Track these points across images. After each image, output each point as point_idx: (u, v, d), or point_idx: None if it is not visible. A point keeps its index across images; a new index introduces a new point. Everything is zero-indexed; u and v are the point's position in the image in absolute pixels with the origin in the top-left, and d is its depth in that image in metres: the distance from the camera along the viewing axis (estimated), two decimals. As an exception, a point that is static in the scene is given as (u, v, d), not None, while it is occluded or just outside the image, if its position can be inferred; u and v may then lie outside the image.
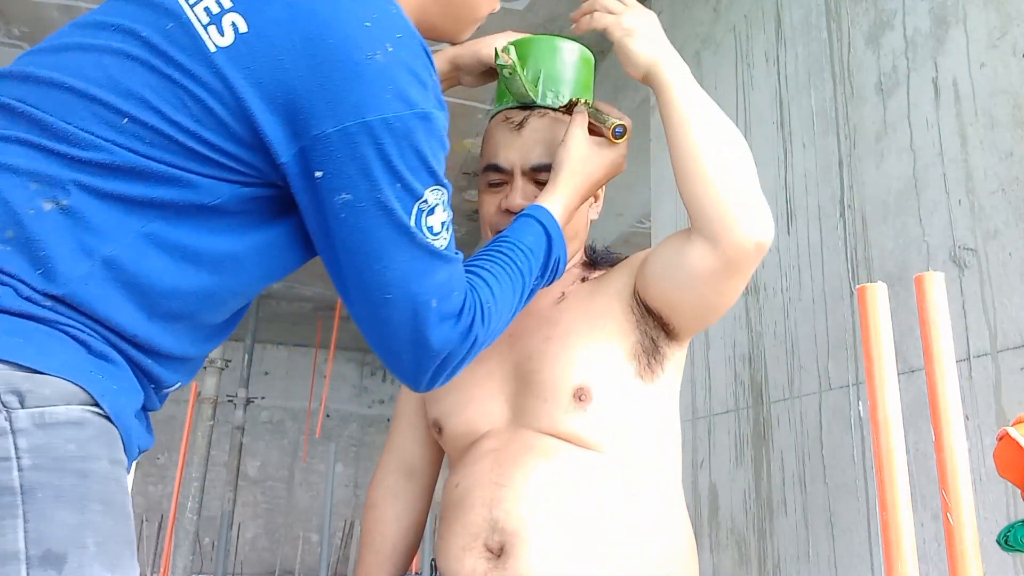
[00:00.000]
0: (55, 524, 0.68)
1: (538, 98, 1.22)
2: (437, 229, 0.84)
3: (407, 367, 0.89)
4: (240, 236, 0.83)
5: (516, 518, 1.08)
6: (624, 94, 3.09)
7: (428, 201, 0.82)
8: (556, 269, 1.06)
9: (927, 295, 0.91)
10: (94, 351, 0.75)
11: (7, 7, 3.12)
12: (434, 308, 0.85)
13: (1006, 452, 0.85)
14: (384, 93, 0.77)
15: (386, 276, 0.82)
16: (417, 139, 0.79)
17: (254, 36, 0.76)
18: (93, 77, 0.77)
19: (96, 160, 0.74)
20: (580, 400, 1.11)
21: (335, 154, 0.77)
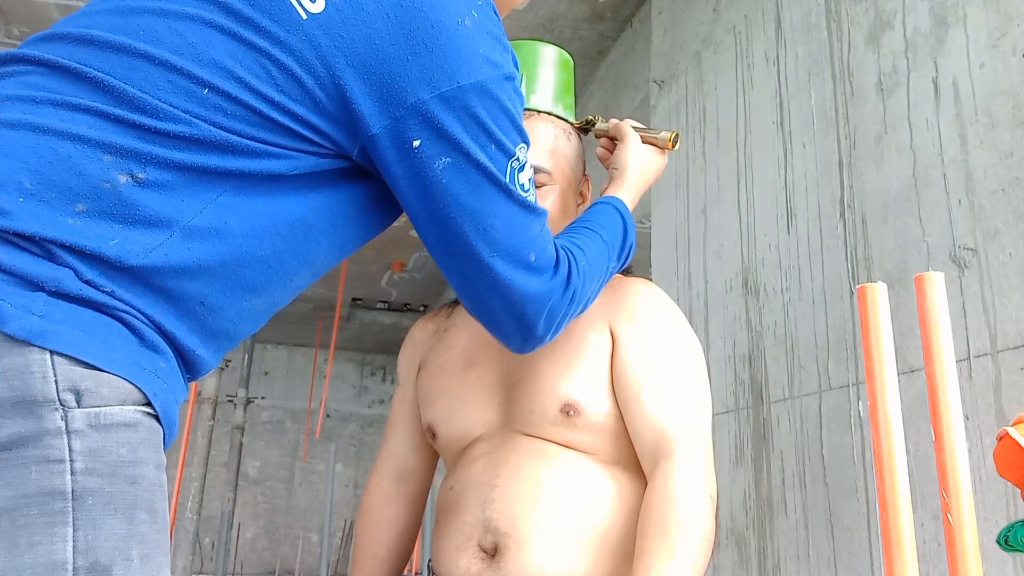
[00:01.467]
0: (104, 533, 0.65)
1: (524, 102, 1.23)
2: (527, 186, 0.87)
3: (512, 326, 0.92)
4: (313, 207, 0.81)
5: (509, 518, 1.08)
6: (624, 94, 3.09)
7: (519, 158, 0.85)
8: (630, 253, 1.11)
9: (927, 295, 0.91)
10: (146, 341, 0.72)
11: (7, 7, 3.12)
12: (533, 261, 0.88)
13: (1006, 452, 0.85)
14: (475, 57, 0.78)
15: (490, 235, 0.84)
16: (504, 100, 0.82)
17: (346, 3, 0.76)
18: (170, 43, 0.74)
19: (175, 132, 0.72)
20: (568, 415, 1.11)
21: (433, 121, 0.78)
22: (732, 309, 2.01)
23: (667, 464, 1.06)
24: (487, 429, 1.18)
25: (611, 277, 1.10)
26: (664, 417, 1.09)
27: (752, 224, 1.96)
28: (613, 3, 2.99)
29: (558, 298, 0.92)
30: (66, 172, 0.68)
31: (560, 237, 1.01)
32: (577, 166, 1.27)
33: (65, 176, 0.68)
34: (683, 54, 2.46)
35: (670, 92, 2.53)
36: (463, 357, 1.24)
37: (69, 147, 0.69)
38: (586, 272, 0.97)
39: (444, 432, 1.21)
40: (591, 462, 1.13)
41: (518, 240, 0.86)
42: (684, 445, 1.07)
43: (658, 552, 0.99)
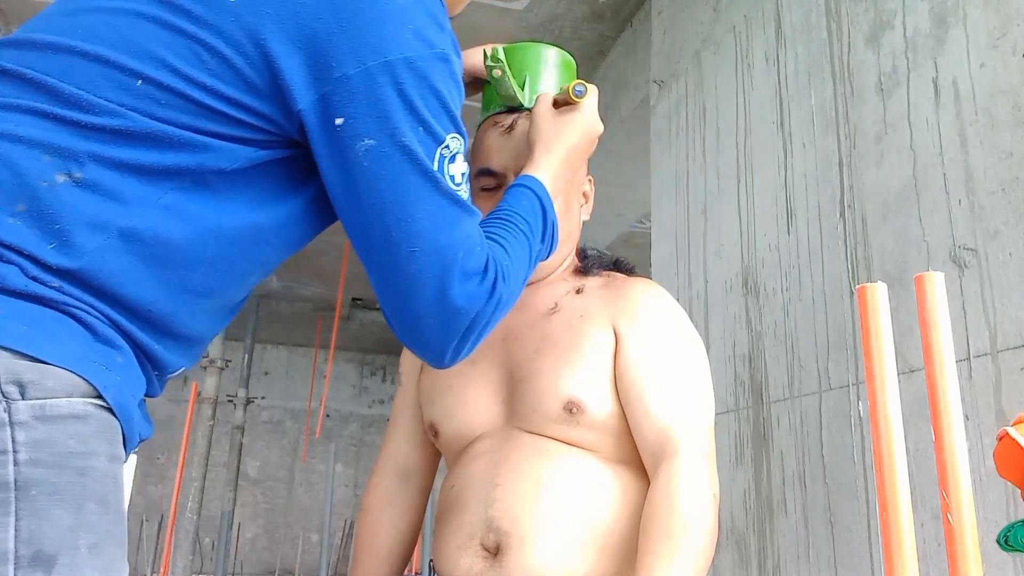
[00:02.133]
0: (49, 523, 0.65)
1: (526, 101, 1.23)
2: (459, 180, 0.81)
3: (433, 334, 0.84)
4: (261, 207, 0.79)
5: (511, 517, 1.08)
6: (624, 94, 3.09)
7: (450, 147, 0.79)
8: (553, 235, 1.02)
9: (927, 295, 0.91)
10: (100, 336, 0.72)
11: (7, 7, 3.11)
12: (460, 262, 0.81)
13: (1006, 452, 0.85)
14: (404, 32, 0.75)
15: (412, 227, 0.78)
16: (436, 81, 0.77)
17: None
18: (105, 38, 0.74)
19: (111, 126, 0.71)
20: (571, 413, 1.11)
21: (357, 97, 0.74)
22: (732, 309, 2.01)
23: (670, 463, 1.06)
24: (489, 427, 1.18)
25: (537, 264, 1.01)
26: (667, 416, 1.09)
27: (752, 224, 1.96)
28: (613, 3, 2.99)
29: (483, 305, 0.84)
30: (7, 173, 0.69)
31: (483, 228, 0.91)
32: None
33: (6, 177, 0.68)
34: (683, 54, 2.46)
35: (670, 92, 2.53)
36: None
37: (10, 148, 0.69)
38: (511, 274, 0.89)
39: (446, 430, 1.22)
40: (593, 460, 1.13)
41: (444, 237, 0.79)
42: (687, 444, 1.08)
43: (661, 552, 0.99)
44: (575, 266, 1.30)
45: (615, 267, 1.30)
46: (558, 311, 1.20)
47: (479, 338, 0.87)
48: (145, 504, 8.91)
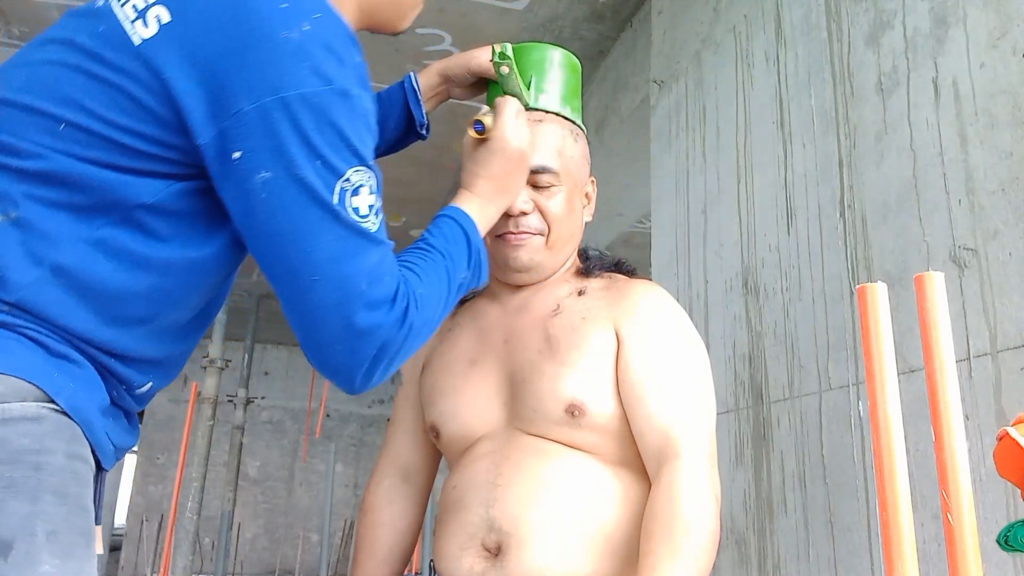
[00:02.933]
0: (5, 513, 0.71)
1: (531, 101, 1.23)
2: (364, 211, 0.82)
3: (341, 360, 0.85)
4: (191, 239, 0.84)
5: (513, 517, 1.08)
6: (624, 94, 3.09)
7: (351, 180, 0.81)
8: (479, 262, 1.03)
9: (927, 295, 0.91)
10: (53, 352, 0.78)
11: (7, 7, 3.12)
12: (365, 291, 0.82)
13: (1006, 452, 0.85)
14: (300, 69, 0.77)
15: (312, 257, 0.80)
16: (336, 116, 0.79)
17: (177, 23, 0.79)
18: (33, 89, 0.81)
19: (39, 169, 0.78)
20: (573, 416, 1.11)
21: (253, 132, 0.77)
22: (732, 309, 2.01)
23: (672, 465, 1.06)
24: (490, 428, 1.18)
25: (463, 293, 1.01)
26: (669, 418, 1.09)
27: (752, 224, 1.96)
28: (613, 3, 2.99)
29: (393, 333, 0.85)
30: None
31: (399, 259, 0.93)
32: (583, 167, 1.27)
33: None
34: (683, 54, 2.46)
35: (670, 92, 2.53)
36: (467, 356, 1.24)
37: None
38: (425, 302, 0.90)
39: (447, 431, 1.22)
40: (594, 462, 1.13)
41: (347, 267, 0.81)
42: (689, 446, 1.08)
43: (663, 553, 0.99)
44: (577, 267, 1.30)
45: (616, 268, 1.30)
46: (560, 313, 1.20)
47: (391, 364, 0.88)
48: (145, 504, 8.91)
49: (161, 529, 8.50)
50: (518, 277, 1.24)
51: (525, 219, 1.19)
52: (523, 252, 1.20)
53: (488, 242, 1.23)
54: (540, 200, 1.20)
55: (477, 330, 1.27)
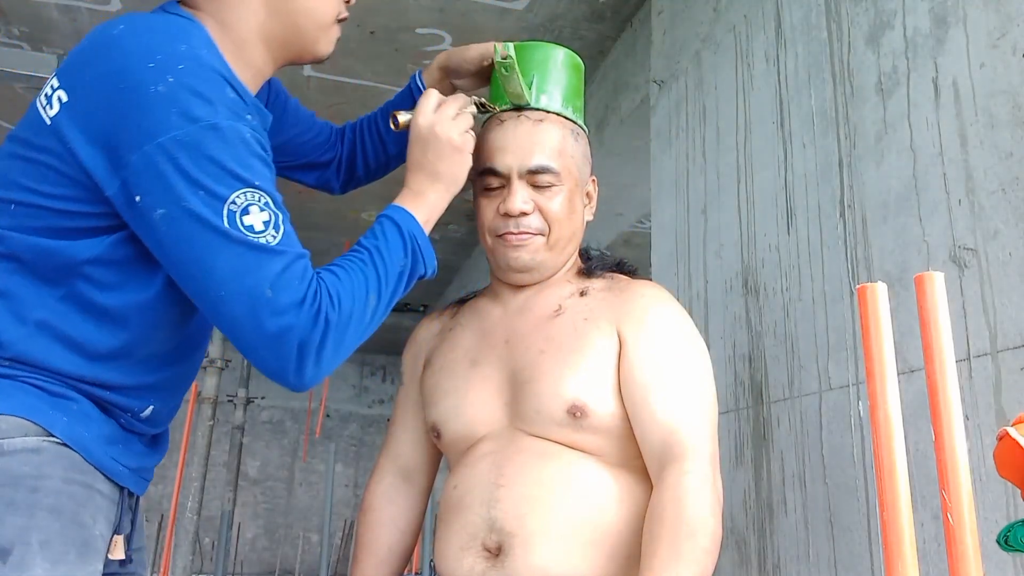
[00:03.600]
0: (5, 526, 0.87)
1: (533, 100, 1.23)
2: (259, 228, 0.91)
3: (270, 363, 0.94)
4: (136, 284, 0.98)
5: (514, 518, 1.08)
6: (624, 94, 3.09)
7: (237, 203, 0.90)
8: (417, 248, 1.07)
9: (927, 295, 0.91)
10: (51, 392, 0.94)
11: (7, 7, 3.12)
12: (269, 298, 0.91)
13: (1006, 452, 0.85)
14: (170, 115, 0.90)
15: (215, 276, 0.91)
16: (209, 148, 0.90)
17: (73, 101, 0.94)
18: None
19: (4, 249, 0.95)
20: (575, 417, 1.11)
21: (143, 176, 0.90)
22: (732, 309, 2.01)
23: (675, 467, 1.06)
24: (492, 429, 1.18)
25: (409, 287, 1.06)
26: (671, 419, 1.09)
27: (752, 224, 1.96)
28: (613, 3, 2.99)
29: (308, 331, 0.92)
30: None
31: (328, 265, 1.02)
32: (584, 167, 1.27)
33: None
34: (683, 54, 2.47)
35: (670, 92, 2.53)
36: (468, 357, 1.24)
37: None
38: (345, 297, 0.97)
39: (449, 431, 1.22)
40: (596, 463, 1.13)
41: (248, 280, 0.90)
42: (691, 447, 1.08)
43: (666, 555, 0.99)
44: (578, 267, 1.30)
45: (618, 269, 1.30)
46: (562, 313, 1.20)
47: (321, 359, 0.95)
48: (145, 504, 8.87)
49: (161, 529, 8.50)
50: (519, 277, 1.24)
51: (526, 219, 1.19)
52: (524, 252, 1.20)
53: (489, 242, 1.23)
54: (540, 200, 1.20)
55: (479, 330, 1.27)
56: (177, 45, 0.94)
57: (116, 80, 0.91)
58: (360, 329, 0.99)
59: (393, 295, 1.03)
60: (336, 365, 0.98)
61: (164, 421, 1.14)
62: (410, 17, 3.08)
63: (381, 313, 1.02)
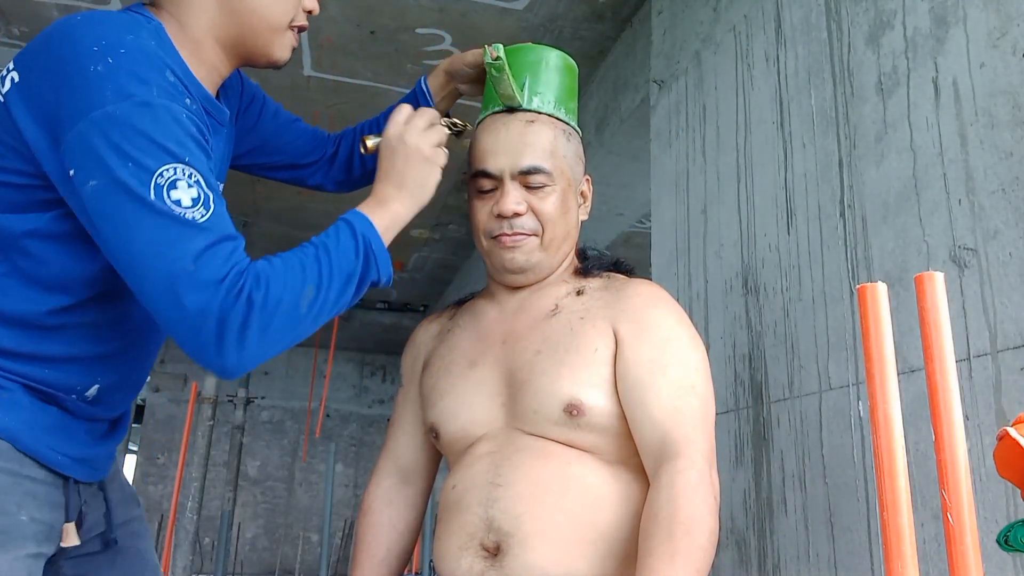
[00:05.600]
0: None
1: (524, 102, 1.23)
2: (186, 203, 0.92)
3: (190, 339, 0.94)
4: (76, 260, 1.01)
5: (512, 517, 1.08)
6: (624, 94, 3.09)
7: (165, 176, 0.92)
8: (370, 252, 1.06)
9: (927, 295, 0.91)
10: None
11: (7, 7, 3.12)
12: (190, 272, 0.91)
13: (1006, 452, 0.85)
14: (104, 92, 0.93)
15: (138, 247, 0.92)
16: (140, 123, 0.92)
17: (23, 81, 0.98)
18: None
19: None
20: (572, 415, 1.11)
21: (77, 151, 0.92)
22: (732, 309, 2.01)
23: (671, 465, 1.06)
24: (490, 429, 1.18)
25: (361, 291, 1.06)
26: (667, 418, 1.09)
27: (752, 224, 1.96)
28: (613, 3, 2.99)
29: (227, 310, 0.92)
30: None
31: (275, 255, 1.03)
32: (577, 166, 1.27)
33: None
34: (683, 54, 2.46)
35: (670, 92, 2.53)
36: (466, 357, 1.24)
37: None
38: (273, 283, 0.96)
39: (447, 432, 1.22)
40: (594, 462, 1.13)
41: (170, 253, 0.91)
42: (688, 446, 1.07)
43: (662, 553, 0.99)
44: (575, 267, 1.30)
45: (615, 268, 1.30)
46: (558, 313, 1.20)
47: (244, 341, 0.94)
48: (145, 504, 8.87)
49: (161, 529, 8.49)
50: (515, 278, 1.24)
51: (519, 220, 1.19)
52: (518, 253, 1.20)
53: (484, 244, 1.23)
54: (533, 201, 1.20)
55: (476, 331, 1.27)
56: (124, 34, 0.98)
57: (62, 63, 0.95)
58: (292, 319, 0.97)
59: (340, 295, 1.02)
60: (265, 353, 0.97)
61: (118, 404, 1.14)
62: (410, 17, 3.08)
63: (322, 309, 1.00)
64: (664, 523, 1.01)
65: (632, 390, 1.12)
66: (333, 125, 4.01)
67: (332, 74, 3.55)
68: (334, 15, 3.09)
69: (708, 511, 1.03)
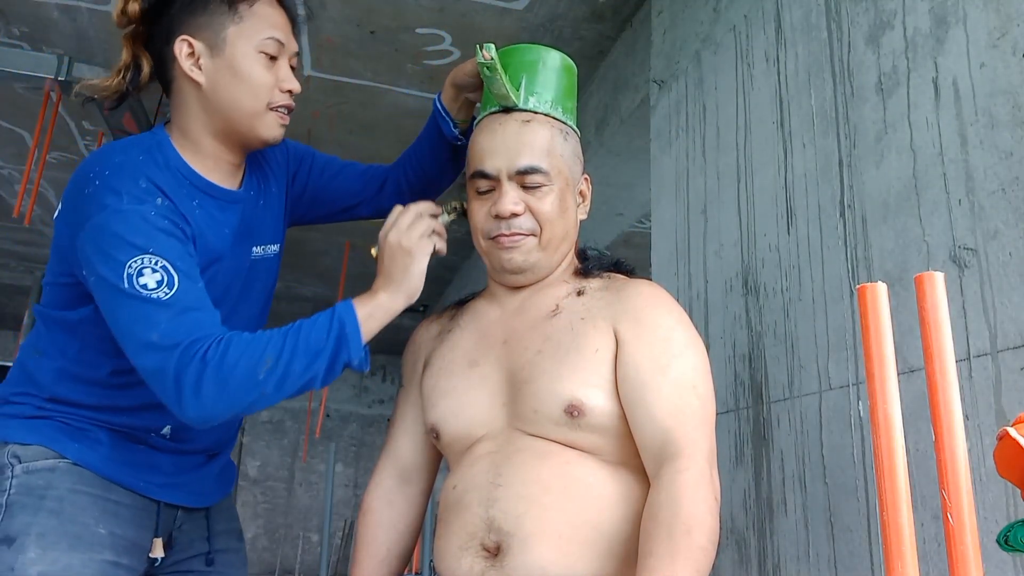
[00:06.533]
0: (15, 522, 1.19)
1: (520, 102, 1.23)
2: (152, 285, 1.12)
3: (159, 393, 1.13)
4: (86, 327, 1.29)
5: (513, 517, 1.08)
6: (624, 94, 3.09)
7: (133, 266, 1.13)
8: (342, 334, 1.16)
9: (927, 295, 0.91)
10: (72, 426, 1.27)
11: (7, 7, 3.11)
12: (153, 340, 1.11)
13: (1006, 452, 0.85)
14: (91, 207, 1.16)
15: (120, 323, 1.14)
16: (115, 227, 1.14)
17: (62, 205, 1.25)
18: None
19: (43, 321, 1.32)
20: (573, 416, 1.11)
21: (80, 255, 1.18)
22: (732, 309, 2.01)
23: (671, 465, 1.06)
24: (491, 429, 1.18)
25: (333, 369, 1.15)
26: (668, 418, 1.09)
27: (752, 224, 1.96)
28: (613, 3, 2.99)
29: (183, 367, 1.09)
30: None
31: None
32: (575, 166, 1.27)
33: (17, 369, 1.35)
34: (683, 54, 2.46)
35: (670, 92, 2.53)
36: (467, 358, 1.24)
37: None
38: (233, 348, 1.11)
39: (448, 432, 1.22)
40: (595, 462, 1.13)
41: (140, 326, 1.12)
42: (688, 446, 1.07)
43: (663, 553, 0.99)
44: (575, 267, 1.30)
45: (615, 268, 1.30)
46: (559, 313, 1.20)
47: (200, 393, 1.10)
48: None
49: (161, 529, 8.49)
50: (514, 279, 1.24)
51: (517, 220, 1.19)
52: (517, 254, 1.20)
53: (483, 245, 1.24)
54: (531, 201, 1.20)
55: (477, 331, 1.27)
56: (114, 156, 1.22)
57: (74, 188, 1.22)
58: (249, 382, 1.11)
59: (306, 369, 1.14)
60: (227, 407, 1.12)
61: (198, 438, 1.37)
62: (410, 17, 3.08)
63: (285, 378, 1.13)
64: (664, 523, 1.01)
65: (633, 390, 1.11)
66: (333, 125, 4.01)
67: (332, 74, 3.55)
68: (334, 15, 3.09)
69: (708, 511, 1.03)
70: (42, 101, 3.42)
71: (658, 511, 1.03)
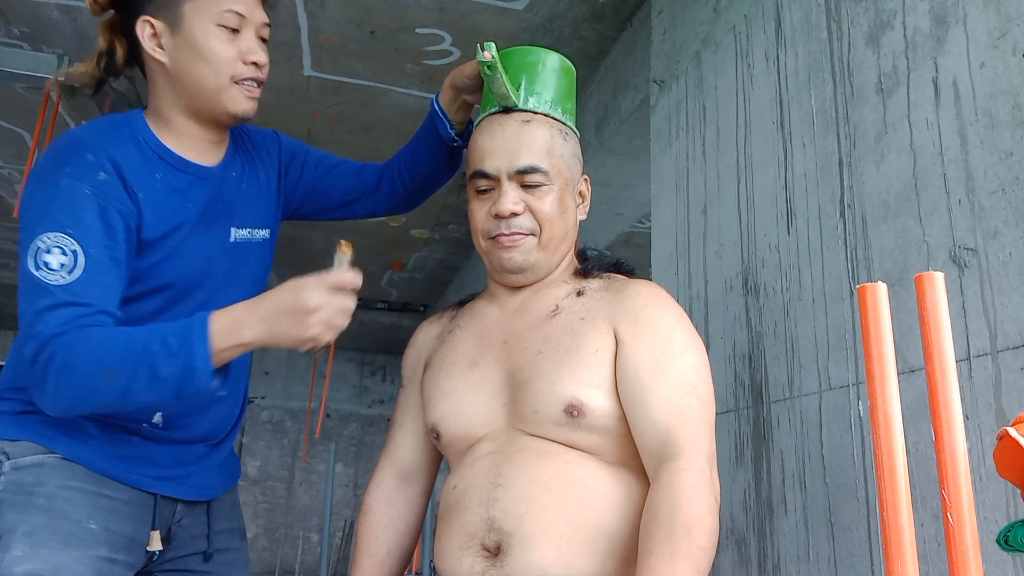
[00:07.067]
0: (2, 520, 1.16)
1: (520, 102, 1.23)
2: (54, 266, 1.11)
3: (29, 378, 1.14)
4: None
5: (512, 517, 1.08)
6: (624, 94, 3.09)
7: (45, 241, 1.11)
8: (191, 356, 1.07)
9: (927, 295, 0.91)
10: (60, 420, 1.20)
11: (7, 7, 3.11)
12: (31, 323, 1.10)
13: (1006, 452, 0.85)
14: (32, 175, 1.19)
15: (20, 298, 1.13)
16: (42, 198, 1.15)
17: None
18: None
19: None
20: (573, 416, 1.11)
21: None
22: (732, 309, 2.01)
23: (671, 465, 1.06)
24: (491, 429, 1.18)
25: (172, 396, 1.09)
26: (668, 418, 1.09)
27: (752, 224, 1.96)
28: (613, 3, 2.99)
29: (43, 360, 1.08)
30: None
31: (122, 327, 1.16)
32: (575, 166, 1.27)
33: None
34: (683, 54, 2.47)
35: (670, 92, 2.53)
36: (467, 358, 1.24)
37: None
38: (79, 348, 1.08)
39: (448, 432, 1.22)
40: (594, 462, 1.13)
41: (26, 305, 1.11)
42: (688, 446, 1.07)
43: (662, 553, 0.99)
44: (575, 267, 1.30)
45: (615, 268, 1.30)
46: (559, 313, 1.20)
47: (44, 388, 1.10)
48: (145, 504, 8.88)
49: (161, 529, 8.49)
50: (514, 279, 1.24)
51: (516, 220, 1.19)
52: (516, 253, 1.20)
53: (483, 245, 1.24)
54: (530, 201, 1.20)
55: (477, 332, 1.27)
56: (80, 130, 1.23)
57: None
58: (87, 386, 1.09)
59: (148, 391, 1.08)
60: (69, 406, 1.12)
61: (194, 427, 1.33)
62: (410, 17, 3.08)
63: (124, 391, 1.09)
64: (664, 523, 1.01)
65: (632, 390, 1.11)
66: (333, 125, 4.01)
67: (332, 74, 3.55)
68: (334, 15, 3.09)
69: (708, 511, 1.03)
70: (42, 101, 3.42)
71: (658, 511, 1.03)
